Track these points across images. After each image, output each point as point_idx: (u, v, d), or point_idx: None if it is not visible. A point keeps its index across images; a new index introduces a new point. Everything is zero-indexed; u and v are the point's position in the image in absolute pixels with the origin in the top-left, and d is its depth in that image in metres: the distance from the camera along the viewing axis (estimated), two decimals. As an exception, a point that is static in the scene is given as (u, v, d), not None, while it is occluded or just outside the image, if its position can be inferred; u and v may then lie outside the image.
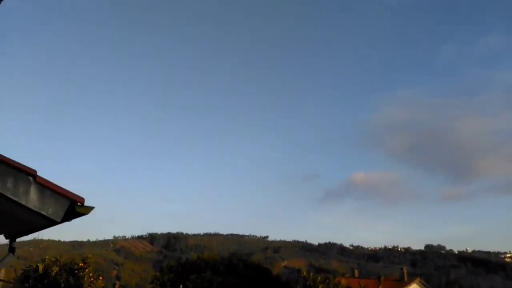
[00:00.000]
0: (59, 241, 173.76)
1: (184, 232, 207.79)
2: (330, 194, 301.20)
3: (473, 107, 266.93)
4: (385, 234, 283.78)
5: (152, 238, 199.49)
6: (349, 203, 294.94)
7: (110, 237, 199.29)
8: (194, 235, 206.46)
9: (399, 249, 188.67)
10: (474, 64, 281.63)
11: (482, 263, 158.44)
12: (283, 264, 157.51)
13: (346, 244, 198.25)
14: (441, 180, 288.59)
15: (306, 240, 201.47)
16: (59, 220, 4.38)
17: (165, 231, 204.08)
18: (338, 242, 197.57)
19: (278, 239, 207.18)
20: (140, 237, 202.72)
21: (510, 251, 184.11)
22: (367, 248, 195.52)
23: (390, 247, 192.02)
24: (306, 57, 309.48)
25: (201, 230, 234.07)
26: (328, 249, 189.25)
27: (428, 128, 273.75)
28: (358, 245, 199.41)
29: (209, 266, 32.99)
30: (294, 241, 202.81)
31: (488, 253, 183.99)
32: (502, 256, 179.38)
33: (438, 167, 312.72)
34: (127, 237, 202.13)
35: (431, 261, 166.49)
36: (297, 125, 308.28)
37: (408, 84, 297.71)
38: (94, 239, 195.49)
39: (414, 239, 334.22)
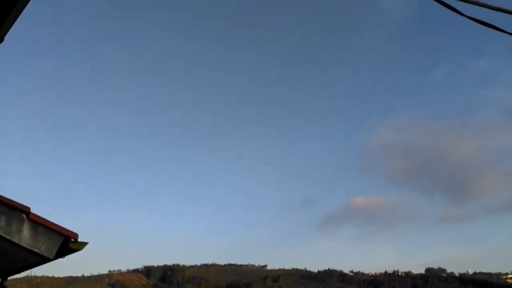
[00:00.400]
0: (52, 277, 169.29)
1: (181, 263, 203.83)
2: (329, 220, 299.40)
3: (469, 127, 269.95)
4: (385, 259, 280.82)
5: (148, 271, 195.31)
6: (348, 229, 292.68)
7: (105, 271, 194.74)
8: (191, 266, 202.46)
9: (400, 274, 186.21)
10: (469, 85, 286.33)
11: (484, 285, 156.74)
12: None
13: (346, 270, 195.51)
14: (440, 202, 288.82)
15: (305, 268, 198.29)
16: (52, 257, 4.35)
17: (161, 263, 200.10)
18: (338, 268, 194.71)
19: (277, 267, 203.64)
20: (135, 271, 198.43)
21: (511, 272, 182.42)
22: (368, 274, 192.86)
23: (390, 272, 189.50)
24: (302, 83, 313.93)
25: (198, 261, 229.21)
26: (328, 276, 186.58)
27: (425, 150, 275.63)
28: (358, 271, 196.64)
29: (206, 298, 32.35)
30: (294, 269, 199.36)
31: (490, 274, 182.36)
32: (504, 277, 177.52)
33: (436, 189, 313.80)
34: (122, 271, 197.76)
35: (432, 284, 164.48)
36: (293, 151, 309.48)
37: (404, 108, 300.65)
38: (88, 274, 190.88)
39: (415, 263, 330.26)
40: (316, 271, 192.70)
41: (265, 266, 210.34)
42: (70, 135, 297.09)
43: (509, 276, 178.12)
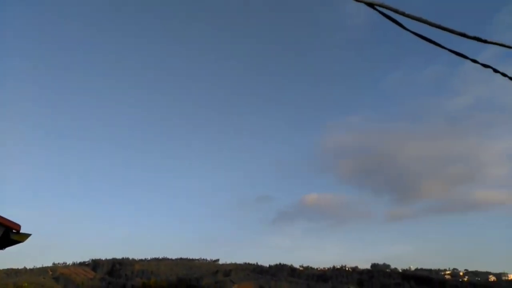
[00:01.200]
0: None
1: (130, 257, 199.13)
2: (283, 216, 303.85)
3: (416, 132, 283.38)
4: (334, 254, 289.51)
5: (95, 264, 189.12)
6: (300, 225, 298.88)
7: (49, 264, 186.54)
8: (140, 260, 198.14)
9: (347, 269, 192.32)
10: (419, 92, 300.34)
11: (424, 280, 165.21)
12: (234, 287, 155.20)
13: (297, 265, 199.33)
14: (387, 201, 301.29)
15: (257, 263, 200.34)
16: (-9, 249, 4.04)
17: (109, 257, 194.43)
18: (289, 263, 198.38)
19: (229, 262, 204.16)
20: (82, 264, 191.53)
21: (449, 268, 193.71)
22: (317, 269, 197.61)
23: (338, 267, 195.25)
24: (262, 84, 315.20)
25: (149, 255, 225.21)
26: (279, 270, 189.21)
27: (376, 151, 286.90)
28: (308, 266, 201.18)
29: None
30: (245, 263, 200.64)
31: (430, 270, 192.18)
32: (442, 273, 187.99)
33: (385, 189, 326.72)
34: (68, 263, 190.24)
35: (377, 280, 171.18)
36: (250, 148, 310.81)
37: (359, 110, 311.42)
38: (31, 267, 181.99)
39: (362, 259, 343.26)
40: (268, 265, 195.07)
41: (217, 260, 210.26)
42: (13, 127, 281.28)
43: (447, 272, 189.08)
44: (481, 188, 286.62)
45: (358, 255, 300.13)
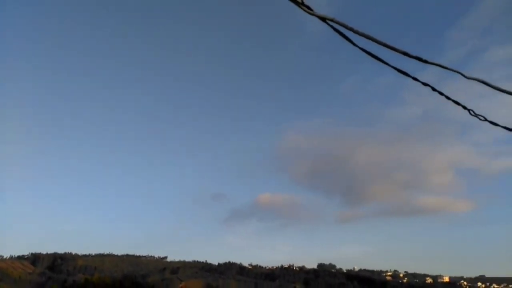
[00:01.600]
0: None
1: (73, 252, 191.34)
2: (236, 214, 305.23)
3: (368, 138, 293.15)
4: (284, 254, 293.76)
5: (34, 258, 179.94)
6: (253, 223, 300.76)
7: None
8: (84, 255, 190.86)
9: (295, 268, 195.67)
10: (372, 99, 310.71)
11: (367, 281, 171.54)
12: (180, 285, 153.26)
13: (246, 263, 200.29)
14: (338, 203, 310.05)
15: (206, 261, 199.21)
16: None
17: (50, 251, 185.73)
18: (238, 261, 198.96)
19: (177, 259, 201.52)
20: (20, 257, 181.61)
21: (391, 270, 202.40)
22: (265, 268, 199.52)
23: (286, 266, 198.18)
24: (220, 83, 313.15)
25: (93, 251, 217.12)
26: (228, 269, 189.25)
27: (329, 155, 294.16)
28: (257, 265, 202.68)
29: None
30: (194, 261, 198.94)
31: (373, 271, 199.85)
32: (384, 274, 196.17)
33: (336, 191, 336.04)
34: (4, 257, 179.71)
35: (323, 279, 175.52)
36: (207, 148, 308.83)
37: (315, 114, 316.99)
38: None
39: (310, 259, 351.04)
40: (217, 263, 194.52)
41: (165, 257, 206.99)
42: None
43: (388, 273, 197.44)
44: (424, 195, 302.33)
45: (307, 255, 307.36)
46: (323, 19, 1.91)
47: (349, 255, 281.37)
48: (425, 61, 1.94)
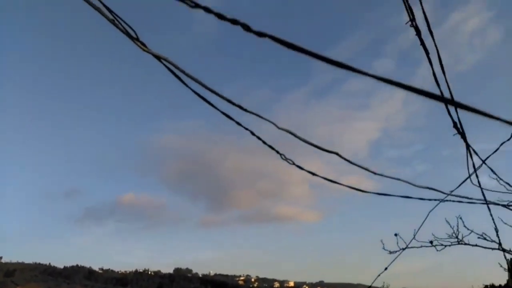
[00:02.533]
0: None
1: None
2: (91, 214, 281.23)
3: (239, 146, 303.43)
4: (140, 258, 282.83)
5: None
6: (110, 224, 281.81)
7: None
8: None
9: (150, 273, 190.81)
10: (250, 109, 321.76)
11: (220, 285, 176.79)
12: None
13: (96, 267, 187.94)
14: (202, 208, 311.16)
15: (49, 263, 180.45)
16: None
17: None
18: (88, 265, 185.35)
19: (14, 261, 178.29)
20: None
21: (244, 275, 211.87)
22: (118, 272, 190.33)
23: (141, 270, 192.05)
24: (85, 77, 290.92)
25: None
26: (75, 273, 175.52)
27: (199, 158, 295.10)
28: (109, 269, 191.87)
29: None
30: (35, 263, 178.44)
31: (227, 276, 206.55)
32: (237, 279, 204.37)
33: (202, 195, 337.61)
34: None
35: (178, 284, 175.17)
36: (66, 141, 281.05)
37: (190, 115, 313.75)
38: None
39: (167, 263, 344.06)
40: (62, 267, 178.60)
41: (0, 258, 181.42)
42: None
43: (241, 278, 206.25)
44: (282, 204, 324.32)
45: (164, 259, 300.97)
46: (158, 57, 1.87)
47: (207, 260, 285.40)
48: (245, 110, 2.15)
